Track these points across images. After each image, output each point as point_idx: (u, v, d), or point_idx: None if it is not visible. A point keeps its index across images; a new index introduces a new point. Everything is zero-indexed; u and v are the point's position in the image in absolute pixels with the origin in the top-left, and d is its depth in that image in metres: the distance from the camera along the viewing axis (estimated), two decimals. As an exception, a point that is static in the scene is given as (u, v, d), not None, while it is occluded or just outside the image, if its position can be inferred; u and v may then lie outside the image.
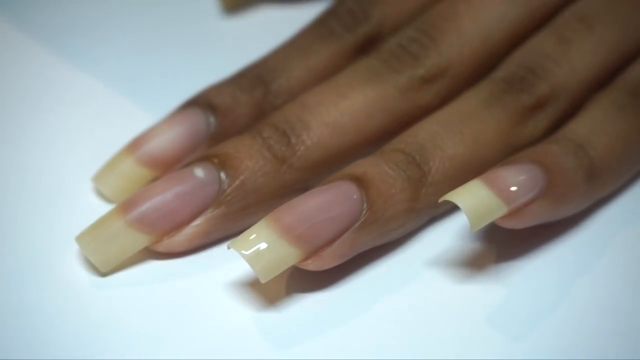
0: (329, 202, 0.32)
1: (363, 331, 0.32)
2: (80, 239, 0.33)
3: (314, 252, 0.32)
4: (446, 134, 0.34)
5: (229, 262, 0.33)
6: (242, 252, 0.32)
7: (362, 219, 0.33)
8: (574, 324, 0.32)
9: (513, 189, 0.32)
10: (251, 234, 0.32)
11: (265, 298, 0.33)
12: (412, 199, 0.34)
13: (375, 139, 0.35)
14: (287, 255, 0.32)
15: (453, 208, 0.35)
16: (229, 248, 0.32)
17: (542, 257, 0.34)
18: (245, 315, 0.32)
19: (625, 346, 0.32)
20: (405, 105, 0.36)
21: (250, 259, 0.31)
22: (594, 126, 0.35)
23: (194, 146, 0.36)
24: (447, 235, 0.35)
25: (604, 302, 0.33)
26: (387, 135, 0.35)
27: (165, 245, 0.34)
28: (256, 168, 0.34)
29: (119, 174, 0.35)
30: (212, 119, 0.36)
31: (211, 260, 0.34)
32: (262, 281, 0.32)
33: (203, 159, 0.34)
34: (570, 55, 0.36)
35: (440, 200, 0.33)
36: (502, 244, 0.34)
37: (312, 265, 0.32)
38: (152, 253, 0.34)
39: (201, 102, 0.36)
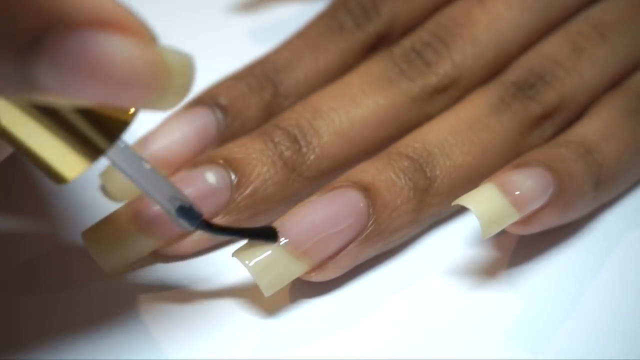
0: (336, 214, 0.32)
1: (371, 341, 0.32)
2: (87, 238, 0.33)
3: (319, 265, 0.32)
4: (455, 142, 0.34)
5: (233, 267, 0.33)
6: (248, 265, 0.31)
7: (367, 232, 0.33)
8: (587, 329, 0.32)
9: (526, 196, 0.32)
10: (257, 248, 0.31)
11: (269, 303, 0.33)
12: (417, 210, 0.33)
13: (383, 147, 0.35)
14: (293, 269, 0.32)
15: (456, 212, 0.35)
16: (233, 256, 0.32)
17: (552, 263, 0.34)
18: (249, 319, 0.32)
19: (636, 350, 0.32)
20: (415, 115, 0.36)
21: (256, 275, 0.31)
22: (604, 131, 0.35)
23: (204, 147, 0.35)
24: (454, 243, 0.35)
25: (615, 305, 0.33)
26: (395, 142, 0.35)
27: (172, 249, 0.33)
28: (267, 176, 0.34)
29: None
30: (220, 116, 0.36)
31: (216, 264, 0.34)
32: (266, 295, 0.31)
33: (214, 162, 0.34)
34: (581, 64, 0.36)
35: (453, 204, 0.32)
36: (508, 250, 0.34)
37: (315, 277, 0.32)
38: (157, 255, 0.34)
39: (209, 101, 0.36)
